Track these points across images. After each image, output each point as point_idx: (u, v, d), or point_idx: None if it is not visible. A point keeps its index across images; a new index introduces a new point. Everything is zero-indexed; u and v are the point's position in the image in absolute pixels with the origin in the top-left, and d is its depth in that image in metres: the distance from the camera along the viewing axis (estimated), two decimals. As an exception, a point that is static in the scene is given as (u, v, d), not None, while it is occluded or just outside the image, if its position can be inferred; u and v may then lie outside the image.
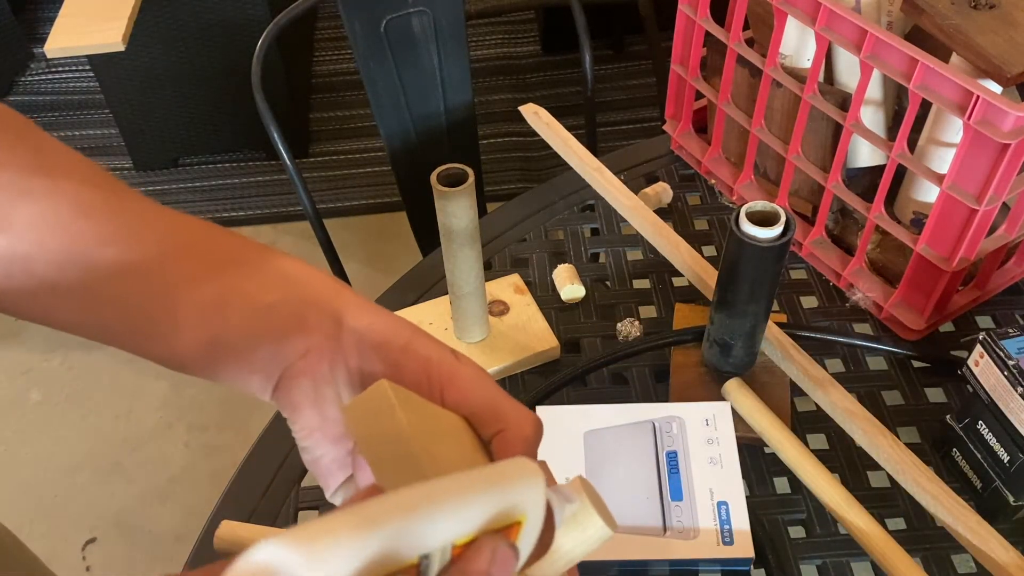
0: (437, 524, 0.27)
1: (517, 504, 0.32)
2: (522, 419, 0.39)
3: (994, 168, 0.66)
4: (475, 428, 0.40)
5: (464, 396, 0.39)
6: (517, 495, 0.32)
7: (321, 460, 0.41)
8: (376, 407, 0.36)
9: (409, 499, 0.26)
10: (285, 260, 0.41)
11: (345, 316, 0.40)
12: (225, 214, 2.17)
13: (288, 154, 1.12)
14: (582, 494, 0.39)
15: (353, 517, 0.25)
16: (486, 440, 0.39)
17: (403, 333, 0.40)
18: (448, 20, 1.15)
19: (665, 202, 0.94)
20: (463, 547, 0.30)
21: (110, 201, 0.40)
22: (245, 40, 1.99)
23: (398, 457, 0.35)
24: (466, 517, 0.29)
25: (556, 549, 0.38)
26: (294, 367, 0.39)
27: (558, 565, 0.39)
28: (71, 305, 0.39)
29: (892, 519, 0.68)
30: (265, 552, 0.23)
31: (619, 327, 0.82)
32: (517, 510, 0.32)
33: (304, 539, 0.23)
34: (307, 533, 0.24)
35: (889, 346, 0.79)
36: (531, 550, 0.34)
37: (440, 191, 0.67)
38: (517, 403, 0.40)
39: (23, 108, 2.45)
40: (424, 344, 0.40)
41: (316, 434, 0.40)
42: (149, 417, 1.80)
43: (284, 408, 0.40)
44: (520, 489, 0.32)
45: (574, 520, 0.38)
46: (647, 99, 2.37)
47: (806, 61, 0.81)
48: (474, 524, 0.30)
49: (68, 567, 1.58)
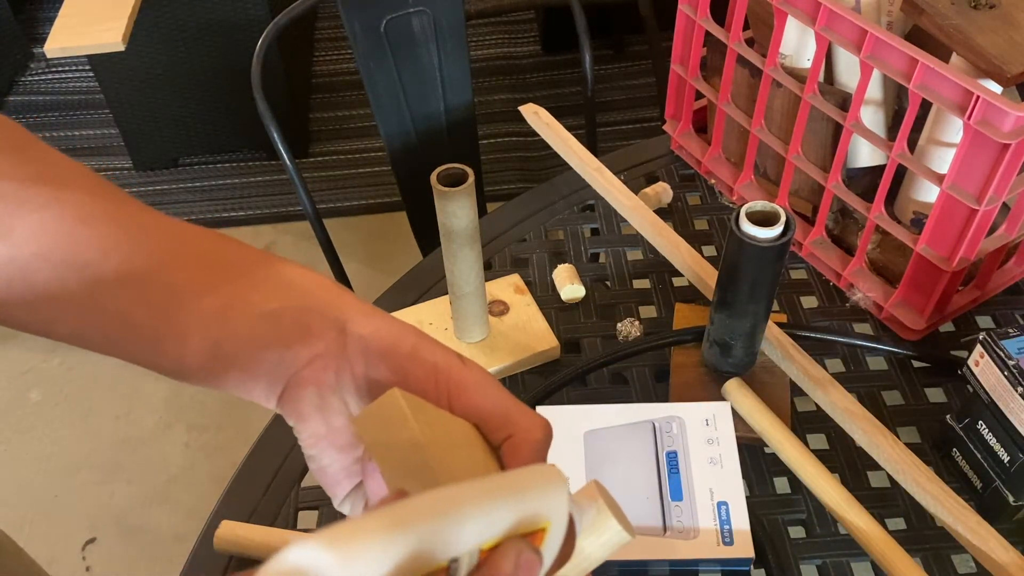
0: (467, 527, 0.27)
1: (542, 511, 0.32)
2: (532, 424, 0.39)
3: (994, 168, 0.66)
4: (484, 433, 0.40)
5: (473, 402, 0.39)
6: (543, 502, 0.32)
7: (328, 469, 0.41)
8: (388, 416, 0.36)
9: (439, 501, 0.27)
10: (287, 267, 0.41)
11: (349, 323, 0.40)
12: (225, 214, 2.17)
13: (288, 154, 1.12)
14: (599, 499, 0.39)
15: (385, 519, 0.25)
16: (496, 446, 0.39)
17: (408, 339, 0.40)
18: (448, 20, 1.15)
19: (665, 202, 0.94)
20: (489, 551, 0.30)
21: (111, 211, 0.39)
22: (245, 40, 1.99)
23: (413, 466, 0.35)
24: (494, 521, 0.29)
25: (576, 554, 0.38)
26: (299, 376, 0.39)
27: (576, 571, 0.39)
28: (72, 316, 0.39)
29: (892, 519, 0.68)
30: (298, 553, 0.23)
31: (619, 327, 0.82)
32: (542, 517, 0.32)
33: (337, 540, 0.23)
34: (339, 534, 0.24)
35: (889, 346, 0.79)
36: (555, 557, 0.34)
37: (440, 191, 0.67)
38: (526, 408, 0.40)
39: (23, 108, 2.45)
40: (430, 350, 0.40)
41: (322, 442, 0.40)
42: (149, 417, 1.80)
43: (289, 417, 0.40)
44: (546, 496, 0.32)
45: (591, 525, 0.38)
46: (647, 99, 2.37)
47: (806, 61, 0.81)
48: (501, 528, 0.30)
49: (68, 567, 1.58)
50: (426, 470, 0.35)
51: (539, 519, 0.32)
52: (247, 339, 0.39)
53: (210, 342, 0.39)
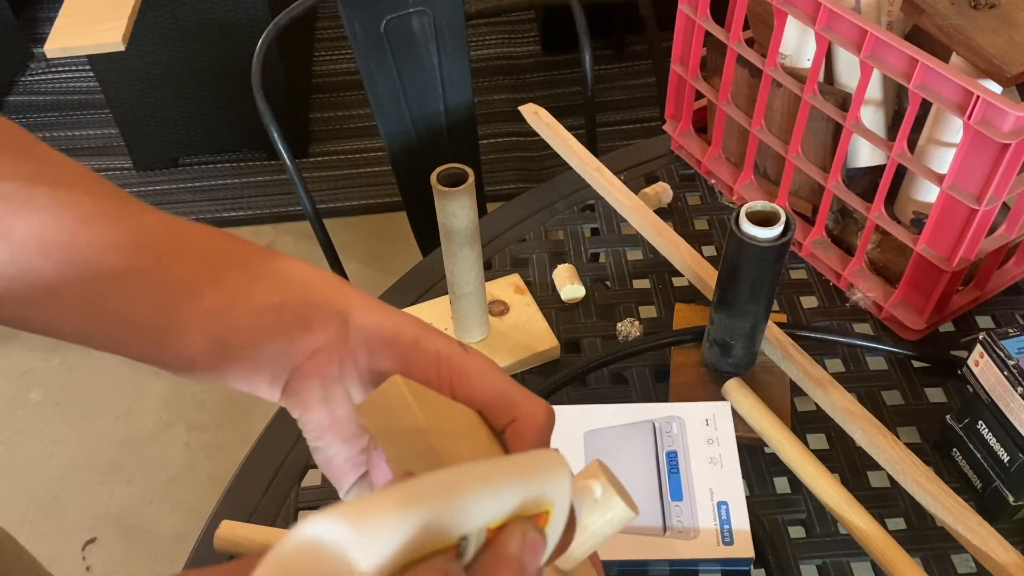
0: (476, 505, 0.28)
1: (546, 494, 0.32)
2: (534, 407, 0.39)
3: (994, 168, 0.66)
4: (488, 419, 0.40)
5: (475, 388, 0.40)
6: (547, 485, 0.32)
7: (333, 459, 0.41)
8: (391, 403, 0.36)
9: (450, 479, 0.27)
10: (288, 261, 0.41)
11: (351, 315, 0.40)
12: (225, 214, 2.17)
13: (288, 154, 1.12)
14: (601, 477, 0.39)
15: (398, 494, 0.25)
16: (499, 430, 0.40)
17: (410, 329, 0.40)
18: (448, 20, 1.15)
19: (665, 202, 0.94)
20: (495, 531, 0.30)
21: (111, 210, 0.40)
22: (245, 40, 1.99)
23: (417, 451, 0.36)
24: (501, 501, 0.30)
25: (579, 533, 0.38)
26: (303, 368, 0.40)
27: (581, 550, 0.39)
28: (74, 315, 0.39)
29: (892, 519, 0.68)
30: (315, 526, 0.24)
31: (619, 327, 0.82)
32: (545, 500, 0.32)
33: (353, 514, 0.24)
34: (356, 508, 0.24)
35: (889, 346, 0.79)
36: (556, 543, 0.35)
37: (440, 191, 0.67)
38: (528, 392, 0.40)
39: (23, 108, 2.45)
40: (432, 339, 0.40)
41: (328, 434, 0.41)
42: (149, 417, 1.80)
43: (294, 409, 0.41)
44: (549, 480, 0.32)
45: (595, 504, 0.39)
46: (647, 99, 2.37)
47: (806, 61, 0.81)
48: (507, 509, 0.30)
49: (68, 567, 1.58)
50: (431, 454, 0.35)
51: (543, 502, 0.32)
52: (250, 333, 0.39)
53: (213, 338, 0.39)
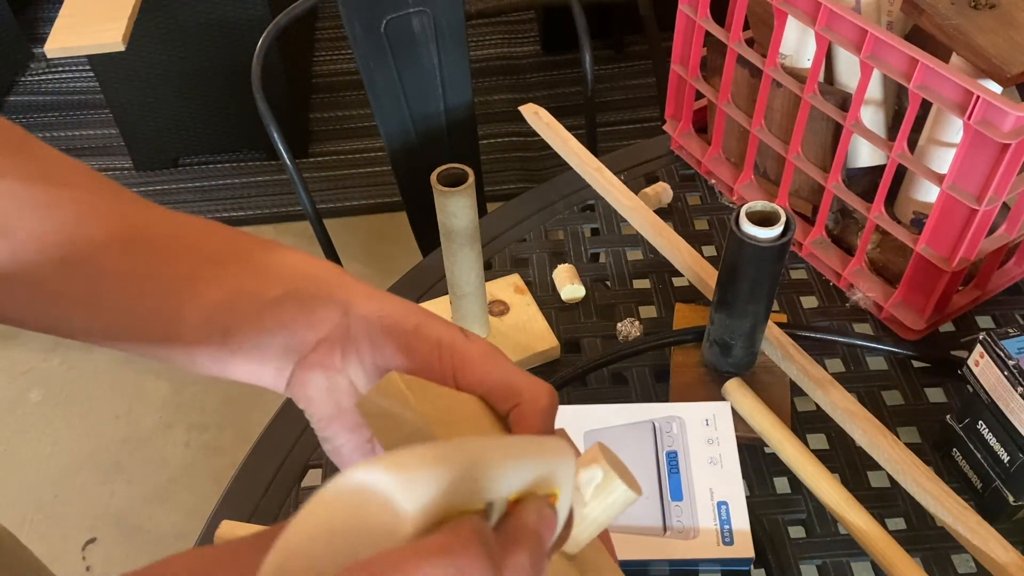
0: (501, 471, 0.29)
1: (555, 476, 0.33)
2: (536, 391, 0.39)
3: (994, 168, 0.66)
4: (491, 405, 0.40)
5: (477, 375, 0.40)
6: (556, 467, 0.33)
7: (342, 449, 0.42)
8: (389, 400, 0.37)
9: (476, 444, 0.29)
10: (289, 253, 0.42)
11: (352, 305, 0.40)
12: (225, 214, 2.17)
13: (288, 154, 1.12)
14: (602, 460, 0.39)
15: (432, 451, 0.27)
16: (503, 415, 0.40)
17: (412, 317, 0.41)
18: (448, 20, 1.15)
19: (665, 202, 0.94)
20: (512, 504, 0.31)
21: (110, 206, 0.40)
22: (245, 40, 1.99)
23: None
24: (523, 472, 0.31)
25: (583, 517, 0.39)
26: (306, 360, 0.40)
27: (586, 534, 0.39)
28: (77, 312, 0.39)
29: (892, 519, 0.68)
30: (362, 474, 0.25)
31: (619, 327, 0.82)
32: (553, 483, 0.33)
33: (392, 464, 0.26)
34: (394, 459, 0.26)
35: (889, 346, 0.79)
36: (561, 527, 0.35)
37: (440, 191, 0.67)
38: (530, 376, 0.40)
39: (23, 108, 2.45)
40: (434, 326, 0.40)
41: (334, 424, 0.41)
42: (149, 417, 1.80)
43: (299, 400, 0.41)
44: (558, 463, 0.33)
45: (597, 488, 0.39)
46: (647, 99, 2.37)
47: (806, 61, 0.81)
48: (526, 481, 0.31)
49: (68, 567, 1.58)
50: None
51: (551, 484, 0.33)
52: (253, 327, 0.39)
53: (216, 332, 0.39)
